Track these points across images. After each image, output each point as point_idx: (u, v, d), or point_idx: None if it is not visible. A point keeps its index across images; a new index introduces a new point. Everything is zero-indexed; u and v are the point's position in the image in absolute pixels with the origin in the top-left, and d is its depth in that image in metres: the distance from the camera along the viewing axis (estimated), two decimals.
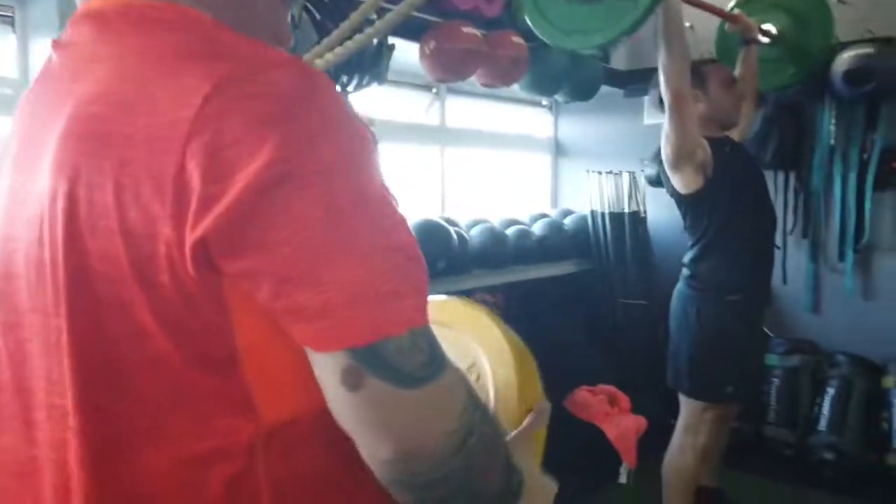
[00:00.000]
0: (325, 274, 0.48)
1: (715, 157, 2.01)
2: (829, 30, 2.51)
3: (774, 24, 2.42)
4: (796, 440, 2.95)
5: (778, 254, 2.63)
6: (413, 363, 0.50)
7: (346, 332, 0.49)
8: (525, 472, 0.59)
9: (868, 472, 2.75)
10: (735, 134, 2.22)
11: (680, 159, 1.97)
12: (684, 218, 2.15)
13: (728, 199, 2.00)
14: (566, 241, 3.42)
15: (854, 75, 2.84)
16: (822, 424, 2.87)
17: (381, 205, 0.52)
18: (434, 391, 0.51)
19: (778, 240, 2.51)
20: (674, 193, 2.12)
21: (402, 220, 0.54)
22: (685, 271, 2.15)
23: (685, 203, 2.09)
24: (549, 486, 0.69)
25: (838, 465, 2.76)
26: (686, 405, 2.16)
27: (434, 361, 0.52)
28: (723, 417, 2.18)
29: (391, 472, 0.51)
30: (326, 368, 0.50)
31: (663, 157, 2.03)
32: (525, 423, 0.73)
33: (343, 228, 0.49)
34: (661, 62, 1.90)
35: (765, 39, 2.31)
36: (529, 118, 3.88)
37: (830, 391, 2.94)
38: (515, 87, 2.84)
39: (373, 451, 0.51)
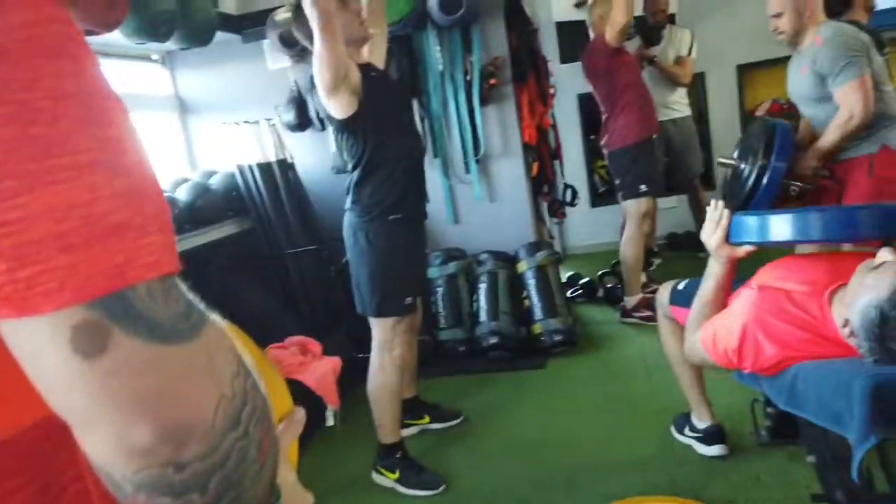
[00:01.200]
0: (25, 203, 0.32)
1: (363, 81, 2.05)
2: None
3: None
4: (466, 336, 3.33)
5: None
6: (170, 313, 0.37)
7: (77, 280, 0.33)
8: (281, 483, 0.50)
9: (523, 344, 3.27)
10: (379, 60, 2.30)
11: (338, 81, 1.97)
12: (340, 145, 2.20)
13: (380, 122, 2.07)
14: (218, 202, 3.21)
15: (446, 3, 3.16)
16: (483, 316, 3.30)
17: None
18: (201, 346, 0.38)
19: None
20: (331, 120, 2.12)
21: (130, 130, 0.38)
22: (349, 198, 2.19)
23: (343, 129, 2.11)
24: (307, 498, 0.59)
25: (501, 345, 3.21)
26: (377, 325, 2.25)
27: (194, 312, 0.39)
28: (410, 327, 2.34)
29: (150, 466, 0.36)
30: (43, 338, 0.34)
31: (319, 83, 2.00)
32: (279, 429, 0.61)
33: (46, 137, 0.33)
34: None
35: None
36: (143, 75, 3.47)
37: (482, 286, 3.37)
38: (123, 40, 2.49)
39: (122, 439, 0.36)
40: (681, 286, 2.08)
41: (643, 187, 3.41)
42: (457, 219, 3.59)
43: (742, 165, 2.64)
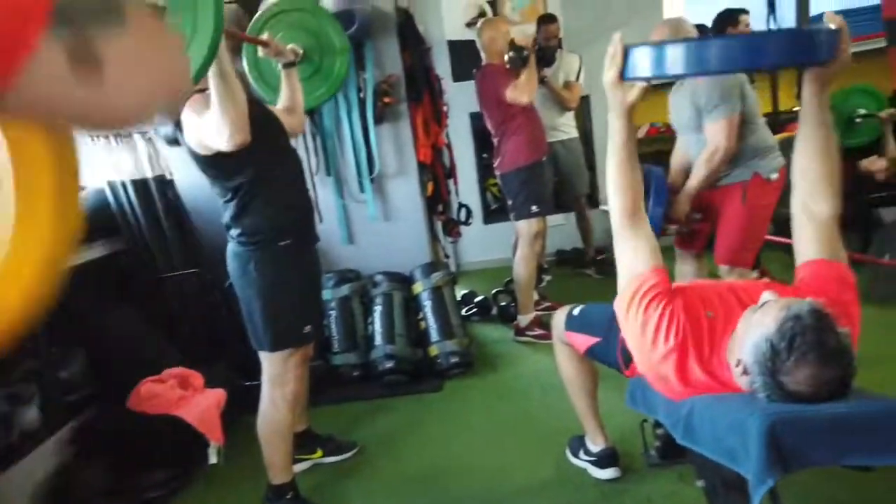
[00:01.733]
0: None
1: None
2: (347, 58, 2.56)
3: (299, 44, 2.42)
4: (361, 360, 3.23)
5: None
6: None
7: None
8: None
9: (419, 367, 3.21)
10: (289, 128, 2.19)
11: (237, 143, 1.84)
12: (210, 179, 2.02)
13: (257, 149, 1.92)
14: (86, 221, 2.91)
15: (339, 18, 3.06)
16: (378, 339, 3.21)
17: None
18: None
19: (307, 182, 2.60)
20: (195, 156, 1.96)
21: None
22: (232, 230, 2.04)
23: (210, 164, 1.96)
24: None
25: (396, 369, 3.14)
26: (269, 359, 2.11)
27: None
28: (304, 359, 2.21)
29: None
30: None
31: (207, 142, 1.84)
32: None
33: None
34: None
35: (291, 57, 2.29)
36: None
37: (377, 309, 3.29)
38: None
39: None
40: (576, 312, 2.11)
41: (534, 208, 3.47)
42: (351, 239, 3.49)
43: None
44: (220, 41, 1.58)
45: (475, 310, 4.09)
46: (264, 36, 2.26)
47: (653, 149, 4.80)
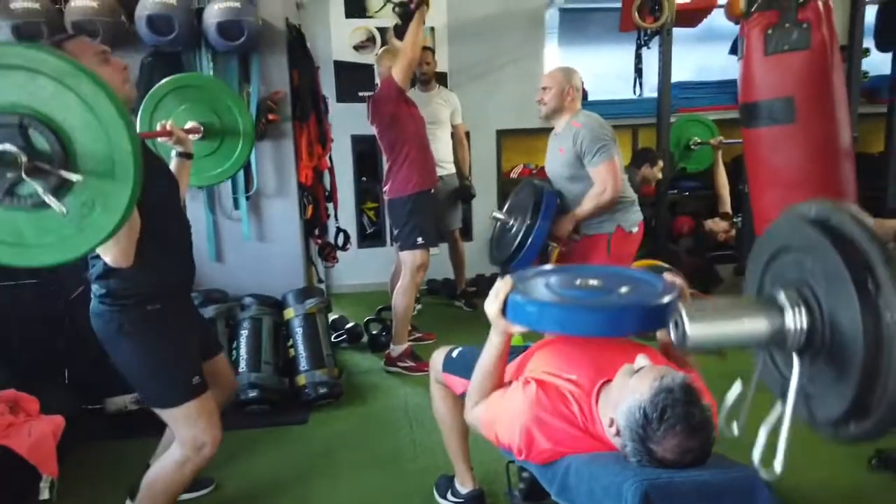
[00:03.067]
0: None
1: None
2: (248, 121, 2.42)
3: (201, 120, 2.27)
4: None
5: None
6: None
7: None
8: None
9: (285, 397, 3.08)
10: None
11: None
12: None
13: (146, 207, 1.61)
14: None
15: (226, 28, 2.93)
16: (243, 366, 3.05)
17: None
18: None
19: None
20: None
21: None
22: (95, 288, 1.80)
23: None
24: None
25: (261, 399, 2.99)
26: (170, 416, 1.89)
27: None
28: (214, 403, 1.98)
29: None
30: None
31: None
32: None
33: None
34: None
35: (190, 148, 2.13)
36: None
37: (244, 333, 3.13)
38: None
39: None
40: (454, 354, 2.12)
41: (420, 239, 3.48)
42: (220, 257, 3.31)
43: (511, 221, 2.87)
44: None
45: (345, 336, 4.02)
46: (167, 124, 2.09)
47: None
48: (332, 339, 3.71)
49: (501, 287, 1.53)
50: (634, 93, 4.76)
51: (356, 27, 4.92)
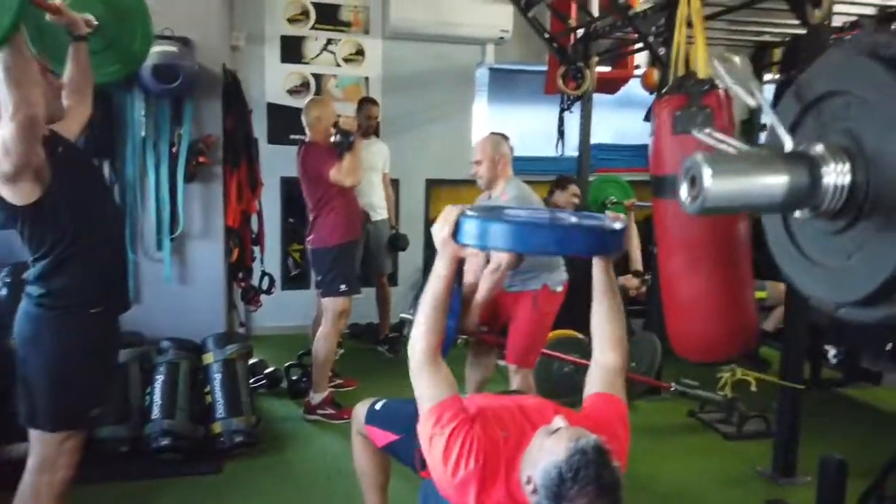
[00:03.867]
0: None
1: (50, 161, 1.74)
2: (149, 31, 2.44)
3: (95, 15, 2.22)
4: (132, 434, 2.94)
5: None
6: None
7: None
8: None
9: (198, 445, 3.00)
10: (69, 132, 1.96)
11: (22, 171, 1.65)
12: (22, 232, 1.79)
13: (74, 205, 1.75)
14: None
15: (161, 71, 2.93)
16: (156, 412, 2.95)
17: None
18: None
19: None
20: (7, 206, 1.73)
21: None
22: (33, 290, 1.79)
23: (23, 216, 1.74)
24: None
25: (173, 447, 2.90)
26: (42, 440, 1.84)
27: None
28: (81, 445, 1.94)
29: None
30: None
31: None
32: None
33: None
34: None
35: (84, 29, 2.09)
36: None
37: (160, 378, 3.04)
38: None
39: None
40: (378, 406, 2.16)
41: (343, 287, 3.51)
42: (138, 298, 3.21)
43: None
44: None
45: (264, 381, 3.95)
46: (56, 0, 2.02)
47: None
48: (251, 385, 3.65)
49: (452, 211, 1.53)
50: (557, 152, 5.01)
51: (291, 72, 4.98)
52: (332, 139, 3.36)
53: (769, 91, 5.15)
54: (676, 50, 2.65)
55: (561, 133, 4.91)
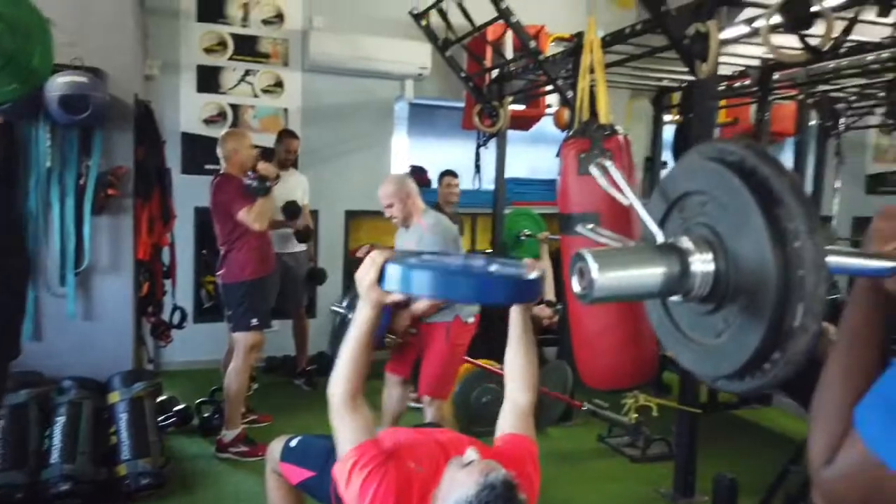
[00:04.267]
0: None
1: None
2: (49, 48, 2.36)
3: None
4: (28, 480, 2.78)
5: None
6: None
7: None
8: None
9: (101, 489, 2.86)
10: None
11: None
12: None
13: None
14: None
15: (70, 101, 2.86)
16: (55, 456, 2.81)
17: None
18: None
19: None
20: None
21: None
22: None
23: None
24: None
25: (73, 492, 2.76)
26: None
27: None
28: None
29: None
30: None
31: None
32: None
33: None
34: None
35: None
36: None
37: (60, 419, 2.90)
38: None
39: None
40: (293, 443, 2.16)
41: (254, 321, 3.47)
42: (38, 336, 3.07)
43: (350, 314, 2.97)
44: None
45: (174, 419, 3.81)
46: None
47: None
48: (160, 423, 3.53)
49: (378, 256, 1.54)
50: (474, 185, 5.17)
51: (208, 101, 4.92)
52: (247, 181, 3.33)
53: (669, 130, 5.54)
54: (580, 97, 2.84)
55: (477, 167, 5.08)
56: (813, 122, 5.35)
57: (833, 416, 0.76)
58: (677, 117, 5.25)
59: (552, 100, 5.29)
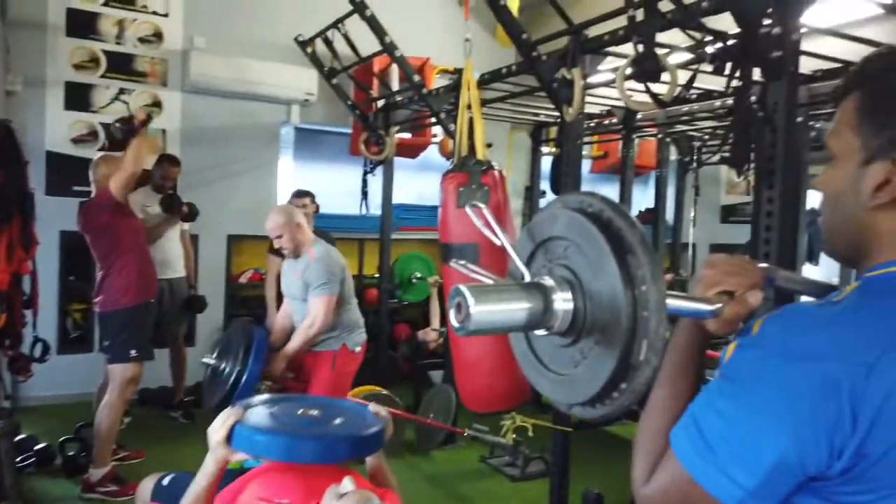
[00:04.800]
0: None
1: None
2: None
3: None
4: None
5: None
6: None
7: None
8: None
9: None
10: None
11: None
12: None
13: None
14: None
15: None
16: None
17: None
18: None
19: None
20: None
21: None
22: None
23: None
24: None
25: None
26: None
27: None
28: None
29: None
30: None
31: None
32: None
33: None
34: None
35: None
36: None
37: None
38: None
39: None
40: (166, 481, 2.09)
41: (133, 352, 3.32)
42: None
43: (222, 365, 2.93)
44: None
45: (34, 459, 3.54)
46: None
47: (255, 293, 5.08)
48: (17, 465, 3.27)
49: (230, 415, 1.61)
50: (361, 211, 5.21)
51: (77, 120, 4.66)
52: (114, 126, 3.25)
53: (547, 162, 5.86)
54: (459, 133, 2.97)
55: (365, 194, 5.13)
56: (673, 158, 5.86)
57: (653, 439, 0.86)
58: (554, 150, 5.56)
59: (438, 129, 5.45)
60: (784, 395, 0.69)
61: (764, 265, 0.91)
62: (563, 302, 0.85)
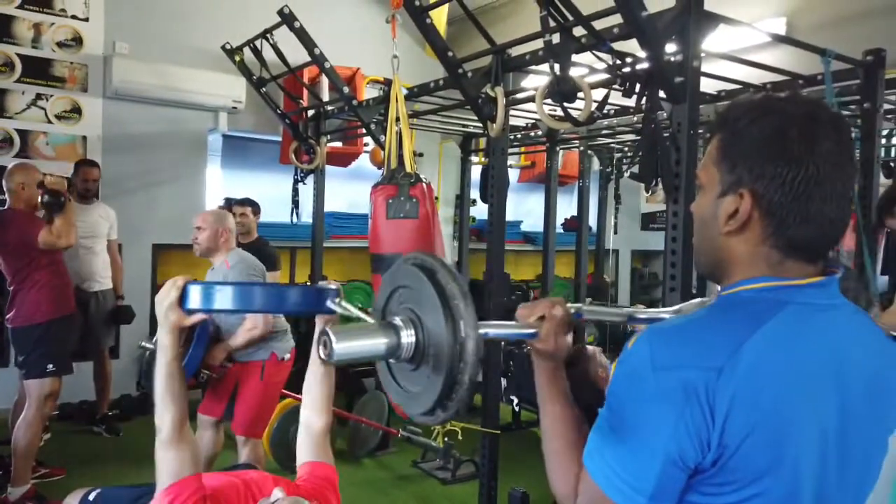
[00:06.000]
0: None
1: None
2: None
3: None
4: None
5: None
6: None
7: None
8: None
9: None
10: None
11: None
12: None
13: None
14: None
15: None
16: None
17: None
18: None
19: None
20: None
21: None
22: None
23: None
24: None
25: None
26: None
27: None
28: None
29: None
30: None
31: None
32: None
33: None
34: None
35: None
36: None
37: None
38: None
39: None
40: (92, 496, 2.07)
41: (50, 367, 3.23)
42: None
43: None
44: None
45: None
46: None
47: None
48: None
49: (179, 279, 1.52)
50: (292, 220, 5.20)
51: None
52: (41, 200, 3.16)
53: (477, 171, 6.01)
54: (388, 146, 3.05)
55: (296, 203, 5.12)
56: (596, 168, 6.12)
57: (558, 460, 1.04)
58: (483, 160, 5.72)
59: (370, 138, 5.50)
60: (656, 401, 0.83)
61: (575, 304, 1.18)
62: (408, 337, 1.09)
